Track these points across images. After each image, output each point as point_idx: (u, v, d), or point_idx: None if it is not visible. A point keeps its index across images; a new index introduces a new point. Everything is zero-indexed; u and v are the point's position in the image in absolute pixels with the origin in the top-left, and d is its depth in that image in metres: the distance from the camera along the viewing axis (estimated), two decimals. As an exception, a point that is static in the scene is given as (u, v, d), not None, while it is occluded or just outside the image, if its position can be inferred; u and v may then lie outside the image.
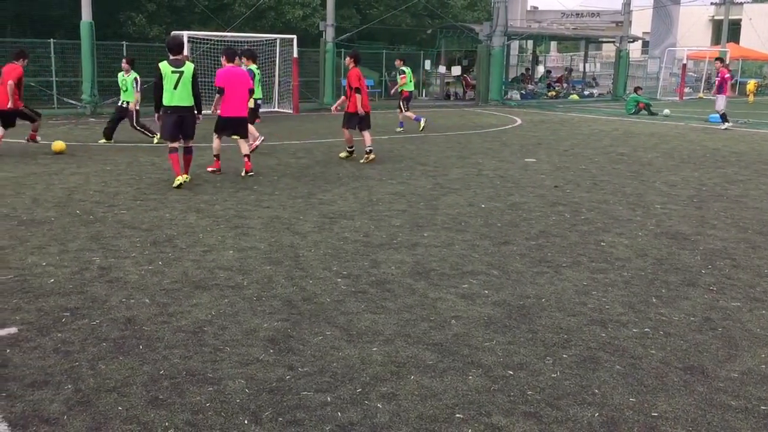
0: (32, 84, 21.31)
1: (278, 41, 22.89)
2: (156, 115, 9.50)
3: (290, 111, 22.58)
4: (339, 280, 5.67)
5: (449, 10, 34.17)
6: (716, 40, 47.49)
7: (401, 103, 17.62)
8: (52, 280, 5.45)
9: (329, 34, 24.92)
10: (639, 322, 4.86)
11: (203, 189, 9.32)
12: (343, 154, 12.57)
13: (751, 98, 33.11)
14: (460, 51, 34.11)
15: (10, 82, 11.64)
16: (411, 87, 18.16)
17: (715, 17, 49.91)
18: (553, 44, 52.47)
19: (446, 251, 6.59)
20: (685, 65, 34.71)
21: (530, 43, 37.66)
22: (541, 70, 38.22)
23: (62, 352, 4.15)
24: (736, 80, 37.66)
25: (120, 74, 14.09)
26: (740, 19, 48.59)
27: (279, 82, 23.21)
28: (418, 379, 3.93)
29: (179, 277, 5.64)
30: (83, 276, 5.59)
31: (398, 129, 17.53)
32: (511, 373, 4.04)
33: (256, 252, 6.41)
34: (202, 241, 6.72)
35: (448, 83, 32.36)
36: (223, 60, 10.49)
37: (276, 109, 23.01)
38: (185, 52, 18.87)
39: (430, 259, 6.30)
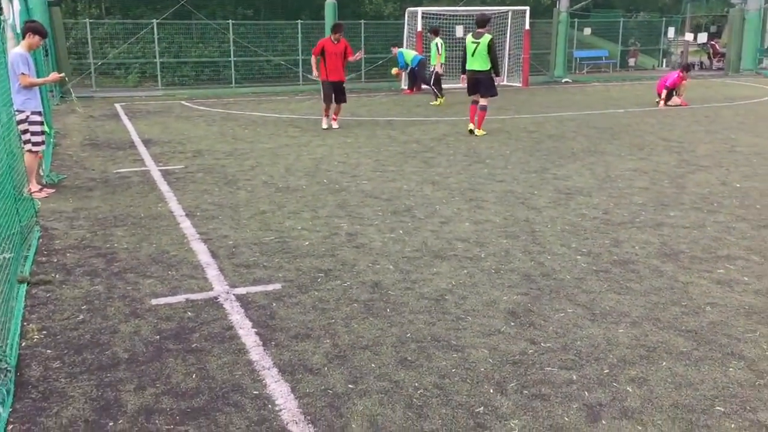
0: (282, 62, 23.29)
1: (510, 13, 22.60)
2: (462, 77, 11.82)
3: (519, 84, 22.26)
4: (578, 257, 5.52)
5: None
6: None
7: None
8: (307, 243, 5.94)
9: (563, 3, 24.07)
10: None
11: (437, 162, 9.54)
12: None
13: None
14: (709, 16, 31.18)
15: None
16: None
17: None
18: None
19: (697, 233, 6.11)
20: None
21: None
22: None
23: (319, 309, 4.51)
24: None
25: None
26: None
27: (509, 55, 22.96)
28: (670, 365, 3.71)
29: (419, 246, 5.85)
30: (333, 240, 6.02)
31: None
32: (780, 369, 3.66)
33: (491, 225, 6.44)
34: (439, 213, 6.89)
35: (681, 53, 29.71)
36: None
37: (505, 82, 22.81)
38: (419, 27, 19.39)
39: (678, 241, 5.89)
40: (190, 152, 10.53)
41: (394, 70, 19.48)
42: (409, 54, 19.02)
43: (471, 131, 11.78)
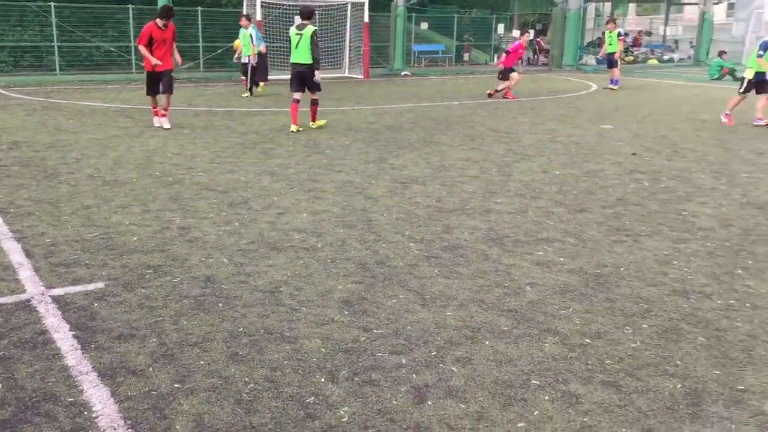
0: (112, 49, 21.97)
1: (349, 5, 22.79)
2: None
3: (360, 76, 22.54)
4: (412, 244, 5.67)
5: (524, -28, 33.24)
6: (810, 0, 44.56)
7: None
8: (135, 238, 5.64)
9: (400, -2, 24.63)
10: (724, 294, 4.68)
11: (276, 153, 9.43)
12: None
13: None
14: (534, 14, 33.22)
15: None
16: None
17: (810, -24, 46.79)
18: (632, 7, 50.43)
19: (520, 218, 6.48)
20: (774, 28, 32.85)
21: (608, 6, 36.31)
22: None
23: (146, 308, 4.30)
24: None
25: (241, 30, 16.09)
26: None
27: (349, 47, 23.17)
28: (493, 344, 3.91)
29: (255, 238, 5.74)
30: (164, 235, 5.76)
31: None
32: (589, 341, 3.96)
33: (329, 215, 6.46)
34: (277, 204, 6.81)
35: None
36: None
37: (346, 75, 23.02)
38: (258, 17, 19.02)
39: (503, 226, 6.22)
40: (5, 144, 9.66)
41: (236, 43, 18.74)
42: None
43: (295, 131, 11.10)
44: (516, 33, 30.58)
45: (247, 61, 16.10)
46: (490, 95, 16.75)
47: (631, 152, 9.79)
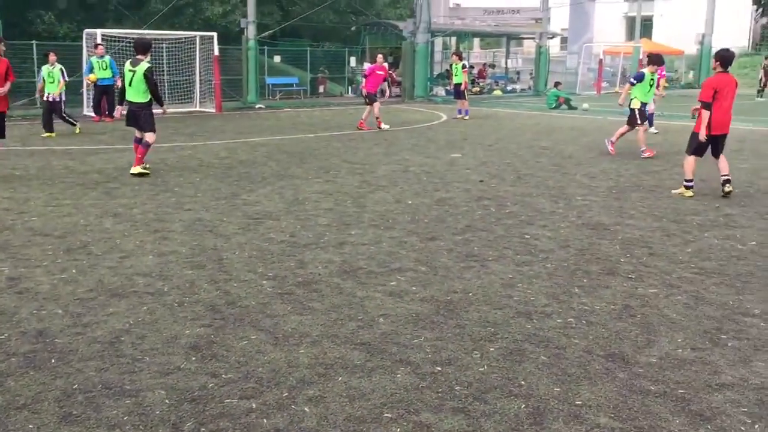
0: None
1: (198, 39, 22.37)
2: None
3: (213, 110, 22.11)
4: (264, 282, 5.55)
5: (372, 7, 34.20)
6: (630, 35, 49.20)
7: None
8: (-44, 294, 5.12)
9: (251, 31, 24.49)
10: (562, 313, 4.95)
11: (120, 192, 8.98)
12: None
13: (661, 91, 34.38)
14: (385, 48, 34.20)
15: None
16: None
17: (629, 14, 51.71)
18: (476, 41, 53.32)
19: (374, 249, 6.55)
20: (601, 60, 35.81)
21: (454, 39, 38.11)
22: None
23: (-34, 371, 3.89)
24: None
25: (45, 67, 15.24)
26: (652, 16, 50.55)
27: (200, 81, 22.70)
28: (345, 380, 3.87)
29: (94, 285, 5.39)
30: (-10, 288, 5.28)
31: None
32: (440, 369, 4.03)
33: (177, 256, 6.20)
34: (119, 247, 6.46)
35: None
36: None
37: (198, 109, 22.50)
38: (101, 49, 18.19)
39: (357, 258, 6.25)
40: None
41: (92, 77, 17.82)
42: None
43: (136, 174, 10.14)
44: (367, 65, 31.39)
45: (52, 99, 15.07)
46: (359, 126, 16.90)
47: (479, 179, 10.22)
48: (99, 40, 18.80)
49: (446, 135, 16.26)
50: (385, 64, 18.12)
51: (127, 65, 10.36)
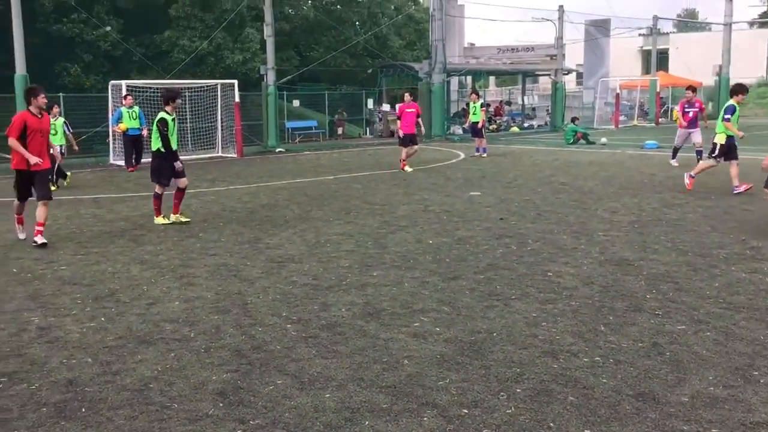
0: (-36, 139, 20.69)
1: (219, 86, 22.85)
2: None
3: (234, 155, 22.44)
4: (289, 326, 5.58)
5: (388, 50, 34.73)
6: (646, 69, 49.37)
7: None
8: (-13, 344, 5.21)
9: (270, 77, 24.98)
10: (589, 351, 4.91)
11: (147, 239, 9.12)
12: None
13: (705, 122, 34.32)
14: (402, 89, 34.61)
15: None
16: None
17: (644, 47, 51.99)
18: (492, 79, 53.76)
19: (396, 290, 6.57)
20: (618, 94, 35.91)
21: (469, 78, 38.47)
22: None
23: (-2, 421, 3.95)
24: (667, 107, 39.14)
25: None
26: (668, 49, 50.76)
27: (222, 127, 23.11)
28: (372, 423, 3.87)
29: (123, 332, 5.46)
30: (21, 338, 5.37)
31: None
32: (466, 411, 4.01)
33: (202, 302, 6.27)
34: (147, 294, 6.54)
35: (388, 120, 32.68)
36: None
37: (220, 154, 22.86)
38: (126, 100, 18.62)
39: (380, 299, 6.27)
40: None
41: (122, 126, 18.16)
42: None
43: (171, 223, 10.20)
44: (386, 107, 31.75)
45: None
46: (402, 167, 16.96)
47: (499, 217, 10.24)
48: (124, 91, 19.27)
49: (465, 173, 16.33)
50: (414, 102, 18.22)
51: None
